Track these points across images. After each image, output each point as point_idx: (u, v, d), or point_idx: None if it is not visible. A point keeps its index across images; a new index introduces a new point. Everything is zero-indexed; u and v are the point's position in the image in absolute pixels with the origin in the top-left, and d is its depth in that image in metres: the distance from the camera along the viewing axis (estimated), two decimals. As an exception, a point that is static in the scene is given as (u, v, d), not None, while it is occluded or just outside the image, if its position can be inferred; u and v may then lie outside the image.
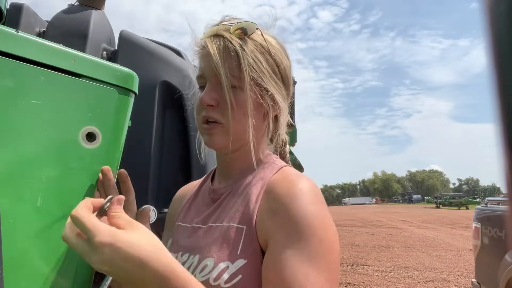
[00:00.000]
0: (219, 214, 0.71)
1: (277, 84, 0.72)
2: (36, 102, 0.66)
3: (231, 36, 0.68)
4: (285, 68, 0.74)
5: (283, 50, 0.75)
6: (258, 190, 0.67)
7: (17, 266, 0.62)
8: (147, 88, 1.70)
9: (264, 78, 0.69)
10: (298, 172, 0.71)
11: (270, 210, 0.63)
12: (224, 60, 0.67)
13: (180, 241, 0.75)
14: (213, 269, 0.62)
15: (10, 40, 0.65)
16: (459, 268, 7.13)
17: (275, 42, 0.74)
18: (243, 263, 0.61)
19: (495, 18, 0.23)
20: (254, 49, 0.69)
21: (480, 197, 44.33)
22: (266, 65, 0.70)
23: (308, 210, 0.60)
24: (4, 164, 0.63)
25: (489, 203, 3.89)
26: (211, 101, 0.68)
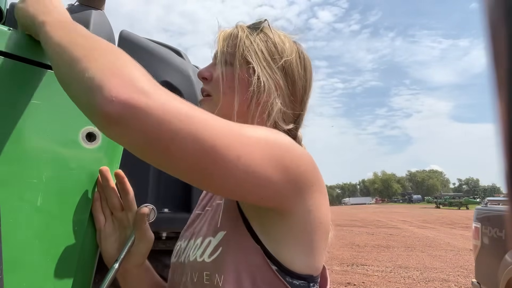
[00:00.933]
0: (214, 197, 0.74)
1: (273, 70, 0.70)
2: (36, 102, 0.66)
3: (241, 26, 0.72)
4: (290, 61, 0.72)
5: (296, 51, 0.74)
6: None
7: (17, 266, 0.62)
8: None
9: (256, 60, 0.68)
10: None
11: None
12: (225, 41, 0.71)
13: (189, 228, 0.78)
14: (200, 246, 0.63)
15: (10, 40, 0.65)
16: (459, 268, 7.13)
17: (287, 41, 0.73)
18: (223, 234, 0.61)
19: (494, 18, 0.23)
20: (256, 35, 0.71)
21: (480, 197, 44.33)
22: (265, 50, 0.70)
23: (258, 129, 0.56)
24: (4, 164, 0.63)
25: (489, 203, 3.89)
26: (205, 73, 0.72)
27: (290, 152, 0.56)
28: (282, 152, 0.54)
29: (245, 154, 0.50)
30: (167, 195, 1.74)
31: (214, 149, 0.47)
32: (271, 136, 0.55)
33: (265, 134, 0.55)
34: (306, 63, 0.76)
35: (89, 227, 0.72)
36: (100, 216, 0.73)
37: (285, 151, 0.55)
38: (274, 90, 0.69)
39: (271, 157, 0.52)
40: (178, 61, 1.82)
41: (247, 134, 0.52)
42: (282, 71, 0.71)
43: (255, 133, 0.54)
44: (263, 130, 0.56)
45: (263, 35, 0.71)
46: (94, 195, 0.72)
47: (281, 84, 0.71)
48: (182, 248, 0.72)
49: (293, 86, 0.73)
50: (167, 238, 1.74)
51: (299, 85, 0.74)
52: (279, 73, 0.71)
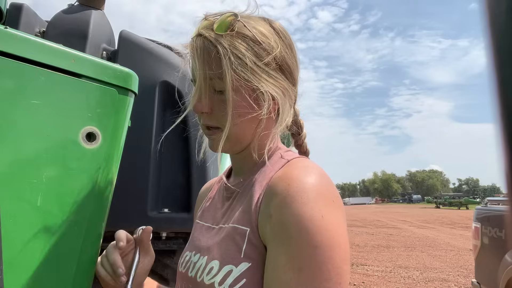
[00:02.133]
0: (229, 214, 0.69)
1: (271, 76, 0.65)
2: (36, 102, 0.66)
3: (210, 35, 0.63)
4: (281, 54, 0.66)
5: (276, 34, 0.67)
6: (261, 189, 0.63)
7: (17, 266, 0.62)
8: (147, 88, 1.70)
9: (254, 75, 0.63)
10: (306, 164, 0.64)
11: (267, 213, 0.59)
12: (207, 64, 0.63)
13: (194, 240, 0.75)
14: (218, 273, 0.60)
15: (10, 40, 0.65)
16: (459, 268, 7.13)
17: (264, 28, 0.66)
18: (247, 266, 0.58)
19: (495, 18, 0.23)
20: (238, 44, 0.62)
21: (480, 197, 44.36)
22: (255, 58, 0.63)
23: (302, 212, 0.54)
24: (4, 164, 0.63)
25: (489, 203, 3.90)
26: (204, 109, 0.66)
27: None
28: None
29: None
30: (167, 195, 1.74)
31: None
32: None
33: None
34: (289, 41, 0.70)
35: (89, 227, 0.72)
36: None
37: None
38: (281, 96, 0.66)
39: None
40: (178, 61, 1.82)
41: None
42: (279, 69, 0.67)
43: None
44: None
45: (244, 40, 0.63)
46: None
47: (284, 84, 0.68)
48: (192, 262, 0.70)
49: (291, 74, 0.69)
50: (167, 238, 1.74)
51: (294, 69, 0.70)
52: (277, 74, 0.66)
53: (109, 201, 0.77)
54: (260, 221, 0.60)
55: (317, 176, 0.59)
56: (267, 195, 0.61)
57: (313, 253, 0.53)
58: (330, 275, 0.53)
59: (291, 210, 0.55)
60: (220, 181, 0.83)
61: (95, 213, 0.73)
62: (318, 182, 0.58)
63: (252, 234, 0.60)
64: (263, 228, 0.59)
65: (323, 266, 0.52)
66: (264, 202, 0.61)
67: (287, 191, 0.57)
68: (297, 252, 0.53)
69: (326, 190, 0.58)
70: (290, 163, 0.66)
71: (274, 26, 0.68)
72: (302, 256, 0.53)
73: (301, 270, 0.52)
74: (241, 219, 0.63)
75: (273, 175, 0.64)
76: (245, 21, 0.65)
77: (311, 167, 0.63)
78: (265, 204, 0.60)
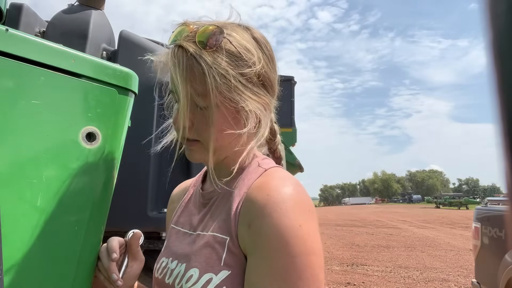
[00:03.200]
0: (207, 221, 0.69)
1: (254, 93, 0.64)
2: (36, 102, 0.66)
3: (194, 49, 0.60)
4: (264, 69, 0.65)
5: (259, 48, 0.66)
6: (239, 198, 0.63)
7: (17, 266, 0.62)
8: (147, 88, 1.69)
9: (237, 93, 0.62)
10: (282, 175, 0.65)
11: (245, 222, 0.59)
12: (188, 80, 0.61)
13: (171, 246, 0.75)
14: (198, 280, 0.60)
15: (10, 40, 0.65)
16: (459, 268, 7.13)
17: (247, 42, 0.65)
18: (227, 274, 0.59)
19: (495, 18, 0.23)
20: (222, 61, 0.60)
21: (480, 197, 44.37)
22: (239, 76, 0.62)
23: (281, 222, 0.55)
24: (4, 164, 0.63)
25: (489, 203, 3.90)
26: (185, 124, 0.64)
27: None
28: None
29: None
30: (167, 195, 1.74)
31: None
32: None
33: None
34: (270, 52, 0.69)
35: (89, 227, 0.72)
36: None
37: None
38: (263, 110, 0.66)
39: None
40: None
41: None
42: (262, 86, 0.66)
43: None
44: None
45: (227, 55, 0.61)
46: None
47: (266, 99, 0.67)
48: (169, 269, 0.69)
49: (273, 87, 0.69)
50: (167, 238, 1.74)
51: (275, 80, 0.69)
52: (259, 89, 0.66)
53: (109, 201, 0.77)
54: (239, 230, 0.61)
55: (294, 186, 0.61)
56: (246, 204, 0.61)
57: (293, 262, 0.54)
58: (309, 283, 0.54)
59: (270, 220, 0.56)
60: (195, 184, 0.83)
61: (95, 213, 0.73)
62: (295, 193, 0.60)
63: (232, 243, 0.61)
64: (242, 237, 0.60)
65: (303, 274, 0.54)
66: (242, 211, 0.61)
67: (266, 201, 0.58)
68: (277, 262, 0.54)
69: (303, 200, 0.60)
70: (268, 173, 0.66)
71: (256, 37, 0.67)
72: (282, 265, 0.54)
73: (283, 279, 0.54)
74: (220, 228, 0.63)
75: (251, 184, 0.64)
76: (229, 34, 0.63)
77: (287, 177, 0.64)
78: (244, 214, 0.61)
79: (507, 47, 0.22)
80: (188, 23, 0.64)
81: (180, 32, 0.63)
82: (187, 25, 0.63)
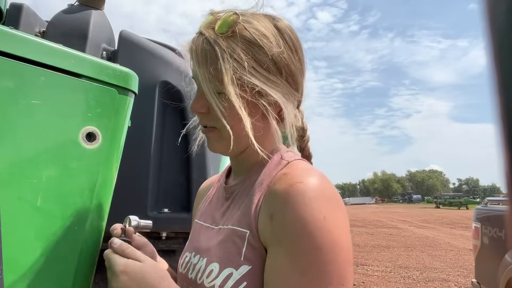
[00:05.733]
0: (228, 215, 0.68)
1: (270, 80, 0.63)
2: (36, 102, 0.66)
3: (210, 35, 0.62)
4: (281, 57, 0.64)
5: (280, 36, 0.65)
6: (261, 191, 0.62)
7: (17, 266, 0.62)
8: (147, 88, 1.69)
9: (252, 78, 0.61)
10: (306, 166, 0.63)
11: (267, 214, 0.58)
12: (204, 65, 0.62)
13: (194, 240, 0.75)
14: (218, 275, 0.60)
15: (10, 40, 0.65)
16: (459, 268, 7.13)
17: (267, 30, 0.64)
18: (247, 269, 0.57)
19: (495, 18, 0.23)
20: (237, 47, 0.61)
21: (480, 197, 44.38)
22: (254, 62, 0.62)
23: (305, 213, 0.53)
24: (4, 164, 0.63)
25: (489, 203, 3.90)
26: (200, 109, 0.66)
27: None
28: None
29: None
30: (167, 195, 1.74)
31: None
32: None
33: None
34: (294, 42, 0.67)
35: (89, 227, 0.72)
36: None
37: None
38: (283, 98, 0.64)
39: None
40: (178, 61, 1.82)
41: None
42: (280, 74, 0.65)
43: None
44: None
45: (243, 42, 0.62)
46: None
47: (285, 89, 0.66)
48: (192, 263, 0.69)
49: (293, 79, 0.67)
50: (167, 238, 1.74)
51: (297, 72, 0.68)
52: (277, 77, 0.64)
53: (109, 201, 0.77)
54: (260, 223, 0.59)
55: (318, 177, 0.58)
56: (268, 197, 0.60)
57: (315, 255, 0.52)
58: (332, 277, 0.52)
59: (292, 211, 0.54)
60: (220, 179, 0.83)
61: (95, 213, 0.73)
62: (319, 184, 0.57)
63: (252, 237, 0.59)
64: (263, 230, 0.58)
65: (325, 268, 0.51)
66: (264, 204, 0.60)
67: (288, 193, 0.56)
68: (299, 254, 0.52)
69: (328, 191, 0.57)
70: (290, 165, 0.64)
71: (279, 26, 0.66)
72: (304, 258, 0.52)
73: (304, 272, 0.52)
74: (241, 221, 0.62)
75: (273, 176, 0.63)
76: (247, 21, 0.63)
77: (311, 169, 0.62)
78: (266, 206, 0.59)
79: (507, 47, 0.22)
80: (214, 12, 0.66)
81: (204, 21, 0.66)
82: (213, 14, 0.65)
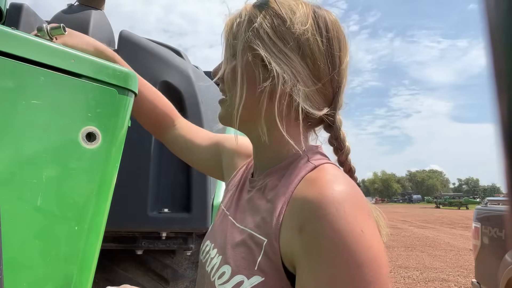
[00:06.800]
0: (247, 213, 0.64)
1: (284, 54, 0.58)
2: (36, 102, 0.66)
3: (245, 7, 0.64)
4: (304, 35, 0.59)
5: (313, 17, 0.60)
6: (284, 197, 0.56)
7: (17, 266, 0.62)
8: (147, 88, 1.69)
9: (262, 45, 0.58)
10: (335, 172, 0.57)
11: (295, 227, 0.51)
12: (229, 27, 0.64)
13: (215, 229, 0.72)
14: (229, 281, 0.56)
15: (10, 40, 0.65)
16: (459, 268, 7.13)
17: (296, 7, 0.61)
18: (259, 280, 0.53)
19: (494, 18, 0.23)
20: (259, 13, 0.60)
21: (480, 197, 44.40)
22: (271, 30, 0.59)
23: (340, 226, 0.47)
24: (4, 164, 0.63)
25: (489, 203, 3.90)
26: (218, 74, 0.67)
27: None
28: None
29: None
30: (167, 195, 1.74)
31: None
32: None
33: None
34: (330, 30, 0.61)
35: (89, 227, 0.72)
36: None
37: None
38: (291, 77, 0.58)
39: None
40: (178, 61, 1.82)
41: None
42: (298, 51, 0.59)
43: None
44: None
45: (268, 11, 0.60)
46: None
47: (299, 69, 0.59)
48: (210, 257, 0.66)
49: (315, 64, 0.60)
50: (167, 238, 1.74)
51: (322, 61, 0.61)
52: (293, 55, 0.59)
53: (109, 201, 0.77)
54: (283, 233, 0.53)
55: (350, 186, 0.52)
56: (293, 204, 0.54)
57: (356, 273, 0.46)
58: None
59: (326, 224, 0.48)
60: (248, 167, 0.78)
61: (95, 213, 0.73)
62: (352, 193, 0.51)
63: (269, 246, 0.54)
64: (288, 243, 0.52)
65: (369, 286, 0.45)
66: (289, 213, 0.54)
67: (319, 202, 0.49)
68: (338, 273, 0.46)
69: (361, 201, 0.51)
70: (319, 169, 0.58)
71: (317, 12, 0.62)
72: (344, 277, 0.46)
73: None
74: (259, 227, 0.57)
75: (299, 181, 0.56)
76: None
77: (341, 175, 0.56)
78: (291, 215, 0.53)
79: (507, 47, 0.22)
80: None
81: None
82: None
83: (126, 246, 1.71)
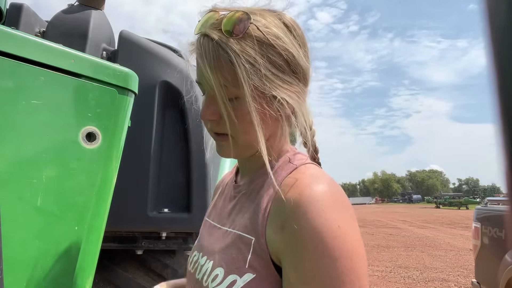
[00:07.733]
0: (234, 217, 0.67)
1: (285, 81, 0.61)
2: (36, 102, 0.66)
3: (220, 38, 0.57)
4: (294, 56, 0.61)
5: (289, 33, 0.62)
6: (269, 196, 0.60)
7: (17, 266, 0.62)
8: (147, 88, 1.69)
9: (267, 82, 0.59)
10: (314, 172, 0.61)
11: (277, 224, 0.56)
12: (216, 70, 0.58)
13: (202, 239, 0.74)
14: (222, 281, 0.58)
15: (10, 40, 0.65)
16: (459, 268, 7.13)
17: (277, 29, 0.61)
18: (251, 277, 0.56)
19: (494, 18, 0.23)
20: (250, 49, 0.58)
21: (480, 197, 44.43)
22: (269, 64, 0.59)
23: (318, 223, 0.51)
24: (4, 164, 0.63)
25: (489, 203, 3.90)
26: (212, 116, 0.63)
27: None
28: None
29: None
30: (167, 195, 1.74)
31: None
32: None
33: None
34: (301, 38, 0.64)
35: (89, 227, 0.72)
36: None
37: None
38: (296, 99, 0.62)
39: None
40: (178, 61, 1.82)
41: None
42: (293, 74, 0.62)
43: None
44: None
45: (257, 44, 0.58)
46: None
47: (298, 89, 0.63)
48: (199, 264, 0.68)
49: (305, 75, 0.64)
50: (167, 238, 1.74)
51: (307, 69, 0.64)
52: (291, 79, 0.62)
53: (109, 200, 0.77)
54: (269, 232, 0.57)
55: (328, 184, 0.56)
56: (276, 204, 0.58)
57: (334, 266, 0.50)
58: (353, 286, 0.51)
59: (305, 221, 0.52)
60: (229, 176, 0.81)
61: (95, 213, 0.73)
62: (330, 191, 0.55)
63: (258, 244, 0.58)
64: (273, 240, 0.56)
65: (346, 278, 0.50)
66: (272, 212, 0.58)
67: (299, 202, 0.54)
68: (318, 266, 0.51)
69: (339, 199, 0.56)
70: (299, 170, 0.62)
71: (286, 22, 0.63)
72: (324, 269, 0.50)
73: (325, 284, 0.50)
74: (247, 227, 0.61)
75: (281, 181, 0.61)
76: (257, 20, 0.60)
77: (320, 175, 0.59)
78: (275, 214, 0.57)
79: (507, 47, 0.22)
80: (217, 8, 0.61)
81: (206, 20, 0.60)
82: (215, 11, 0.61)
83: (126, 246, 1.71)
